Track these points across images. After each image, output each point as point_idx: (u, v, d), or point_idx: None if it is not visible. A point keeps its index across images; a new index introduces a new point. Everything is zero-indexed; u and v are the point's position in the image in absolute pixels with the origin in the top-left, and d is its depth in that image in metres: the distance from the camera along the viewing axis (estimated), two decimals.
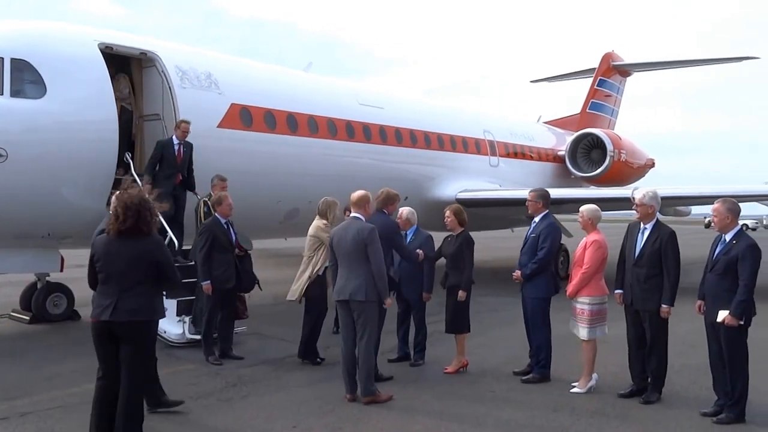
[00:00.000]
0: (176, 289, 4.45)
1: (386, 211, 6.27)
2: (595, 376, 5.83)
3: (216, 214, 6.92)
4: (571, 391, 5.75)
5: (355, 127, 11.12)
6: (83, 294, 8.54)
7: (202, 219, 7.44)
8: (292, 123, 10.06)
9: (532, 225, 6.49)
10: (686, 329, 7.23)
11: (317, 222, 6.63)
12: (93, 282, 4.24)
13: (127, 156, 8.27)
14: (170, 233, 7.73)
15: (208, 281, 6.68)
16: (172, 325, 7.34)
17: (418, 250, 6.41)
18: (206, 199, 7.67)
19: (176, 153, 8.16)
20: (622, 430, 4.82)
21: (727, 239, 5.11)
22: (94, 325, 4.16)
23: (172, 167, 8.14)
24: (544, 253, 6.16)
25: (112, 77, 8.24)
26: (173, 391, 5.54)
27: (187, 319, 7.41)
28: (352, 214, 5.64)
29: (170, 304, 7.34)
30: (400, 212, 6.55)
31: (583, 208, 6.11)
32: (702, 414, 5.11)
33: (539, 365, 6.15)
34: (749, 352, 5.03)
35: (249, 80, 10.04)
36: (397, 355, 6.84)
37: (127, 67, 8.84)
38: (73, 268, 8.81)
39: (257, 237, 11.66)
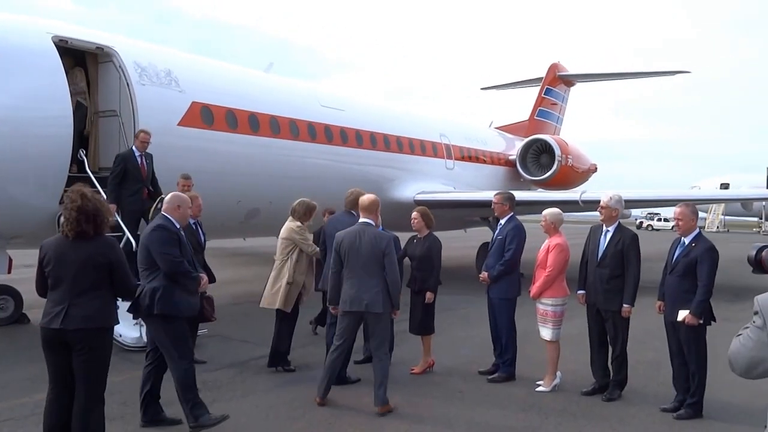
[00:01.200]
0: (131, 294, 4.24)
1: (354, 213, 6.28)
2: (559, 374, 6.01)
3: None
4: (537, 390, 5.91)
5: (316, 129, 11.08)
6: (32, 296, 8.15)
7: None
8: (254, 123, 9.93)
9: (498, 227, 6.64)
10: (635, 326, 7.54)
11: (290, 224, 6.52)
12: (42, 288, 3.98)
13: (81, 153, 7.95)
14: (128, 234, 7.48)
15: None
16: (127, 329, 7.09)
17: None
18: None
19: (140, 165, 7.79)
20: (589, 429, 4.98)
21: (686, 242, 5.34)
22: (43, 333, 3.87)
23: (138, 181, 7.76)
24: (510, 255, 6.31)
25: (68, 70, 7.91)
26: (131, 399, 5.37)
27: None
28: (362, 219, 5.44)
29: (127, 306, 7.12)
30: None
31: (546, 212, 6.27)
32: (662, 410, 5.35)
33: (505, 364, 6.29)
34: (708, 348, 5.30)
35: (210, 79, 9.84)
36: (363, 356, 6.86)
37: (82, 61, 8.50)
38: (22, 269, 8.40)
39: (217, 237, 11.48)
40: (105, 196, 7.58)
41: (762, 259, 3.02)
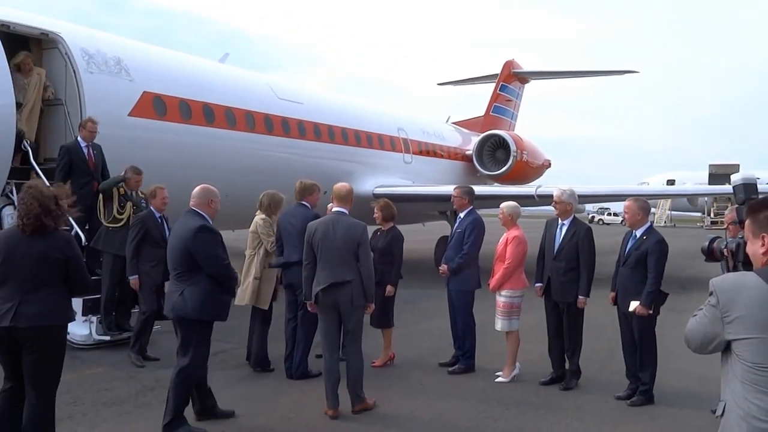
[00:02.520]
0: (87, 291, 4.07)
1: (306, 203, 6.18)
2: (518, 365, 6.09)
3: (150, 208, 6.58)
4: (497, 380, 5.98)
5: (273, 121, 10.91)
6: None
7: (100, 209, 7.10)
8: (209, 114, 9.68)
9: (458, 220, 6.67)
10: (589, 317, 7.71)
11: (257, 217, 6.35)
12: None
13: (26, 143, 7.58)
14: (76, 228, 7.18)
15: (136, 276, 6.37)
16: (77, 326, 6.84)
17: None
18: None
19: (86, 157, 7.41)
20: (549, 418, 5.06)
21: (638, 235, 5.48)
22: None
23: (86, 174, 7.35)
24: (468, 247, 6.35)
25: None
26: (83, 398, 5.23)
27: (94, 319, 6.95)
28: (336, 209, 5.23)
29: (76, 303, 6.87)
30: (328, 208, 6.47)
31: (504, 205, 6.35)
32: (617, 398, 5.49)
33: (465, 356, 6.34)
34: (657, 338, 5.47)
35: (162, 68, 9.52)
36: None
37: (26, 47, 8.10)
38: None
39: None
40: None
41: (713, 249, 3.30)
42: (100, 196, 7.20)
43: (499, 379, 5.98)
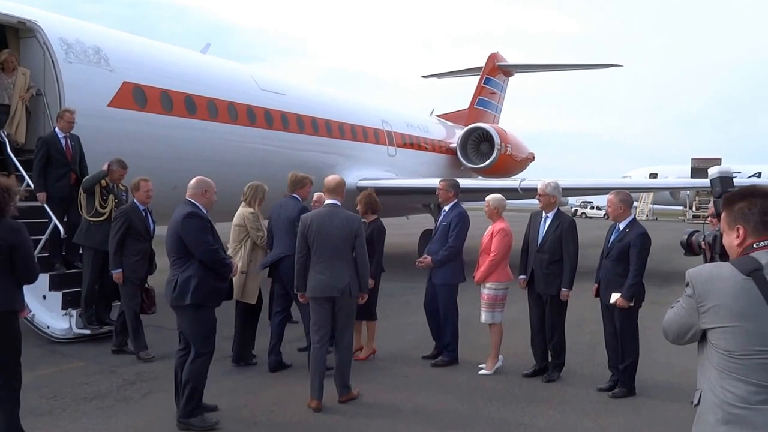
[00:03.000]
0: (32, 280, 4.07)
1: (297, 195, 6.14)
2: (501, 357, 6.12)
3: (134, 200, 6.49)
4: (480, 373, 5.99)
5: (256, 113, 10.80)
6: None
7: (82, 203, 6.96)
8: (190, 105, 9.55)
9: (442, 214, 6.66)
10: (573, 309, 7.75)
11: (243, 209, 6.23)
12: None
13: (3, 134, 7.44)
14: (55, 220, 7.06)
15: (120, 270, 6.29)
16: (56, 320, 6.79)
17: None
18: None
19: (64, 148, 7.28)
20: (531, 410, 5.08)
21: (621, 228, 5.52)
22: None
23: (64, 165, 7.23)
24: (453, 240, 6.34)
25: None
26: (62, 392, 5.17)
27: (74, 312, 6.85)
28: (329, 201, 5.17)
29: (55, 297, 6.80)
30: (316, 197, 6.44)
31: (489, 197, 6.35)
32: (598, 389, 5.53)
33: (448, 349, 6.34)
34: (639, 331, 5.51)
35: (143, 58, 9.35)
36: (306, 344, 6.75)
37: (2, 37, 7.94)
38: None
39: None
40: (29, 180, 7.16)
41: (692, 243, 3.34)
42: (81, 189, 7.08)
43: (482, 372, 6.00)
